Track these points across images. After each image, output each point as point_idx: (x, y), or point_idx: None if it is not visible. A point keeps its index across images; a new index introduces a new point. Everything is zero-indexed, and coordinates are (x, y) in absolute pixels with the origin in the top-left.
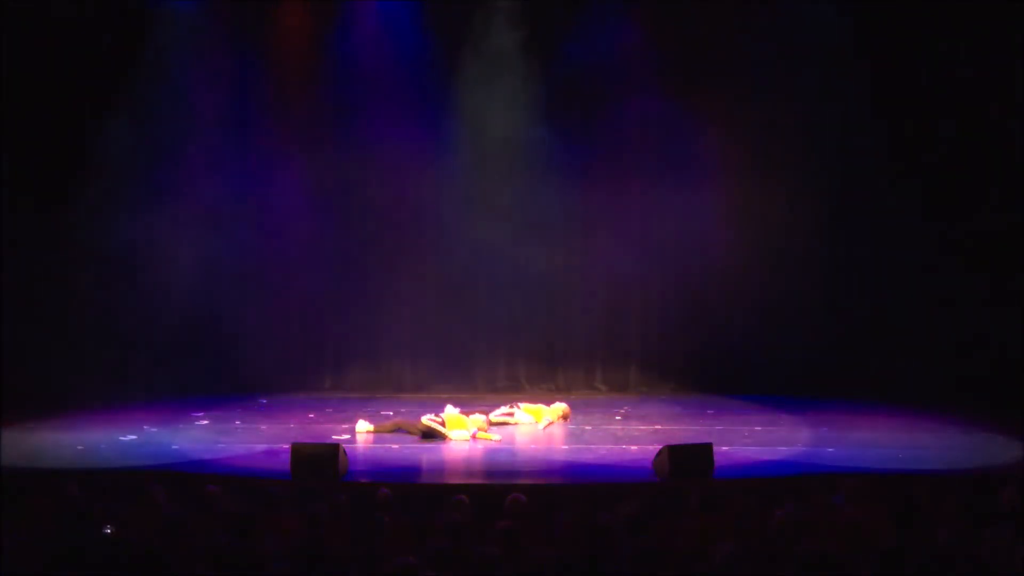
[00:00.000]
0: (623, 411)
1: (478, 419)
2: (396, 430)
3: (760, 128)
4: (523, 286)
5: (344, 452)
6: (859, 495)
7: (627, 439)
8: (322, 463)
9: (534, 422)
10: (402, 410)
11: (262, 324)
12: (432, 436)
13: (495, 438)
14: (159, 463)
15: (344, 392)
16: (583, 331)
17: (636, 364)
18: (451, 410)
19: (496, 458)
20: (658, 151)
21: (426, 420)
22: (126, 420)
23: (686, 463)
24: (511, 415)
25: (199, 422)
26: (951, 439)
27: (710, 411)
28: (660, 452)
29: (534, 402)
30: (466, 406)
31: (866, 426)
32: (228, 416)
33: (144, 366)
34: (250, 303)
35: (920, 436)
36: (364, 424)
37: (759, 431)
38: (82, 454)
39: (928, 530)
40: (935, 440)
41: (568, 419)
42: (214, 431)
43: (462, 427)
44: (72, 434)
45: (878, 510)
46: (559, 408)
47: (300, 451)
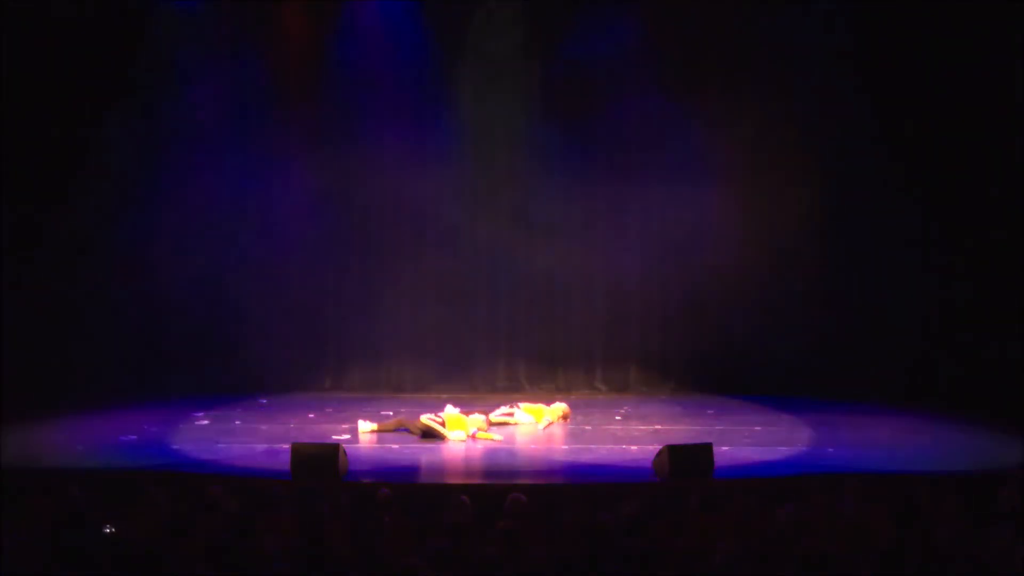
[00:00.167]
0: (623, 411)
1: (478, 419)
2: (399, 428)
3: (760, 128)
4: (523, 286)
5: (344, 452)
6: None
7: (627, 439)
8: (322, 463)
9: (534, 422)
10: (402, 410)
11: (262, 324)
12: (431, 436)
13: (497, 438)
14: (159, 463)
15: (344, 392)
16: (583, 331)
17: (636, 364)
18: (451, 410)
19: (496, 458)
20: (658, 151)
21: (425, 419)
22: (126, 420)
23: (686, 463)
24: (511, 415)
25: (199, 422)
26: (951, 439)
27: (710, 411)
28: (660, 452)
29: (534, 402)
30: (466, 406)
31: (866, 426)
32: (228, 416)
33: (144, 366)
34: (250, 303)
35: (920, 436)
36: (367, 424)
37: (759, 431)
38: (82, 454)
39: (928, 530)
40: (935, 440)
41: (568, 419)
42: (214, 431)
43: (462, 427)
44: (72, 434)
45: (878, 510)
46: (559, 408)
47: (300, 451)
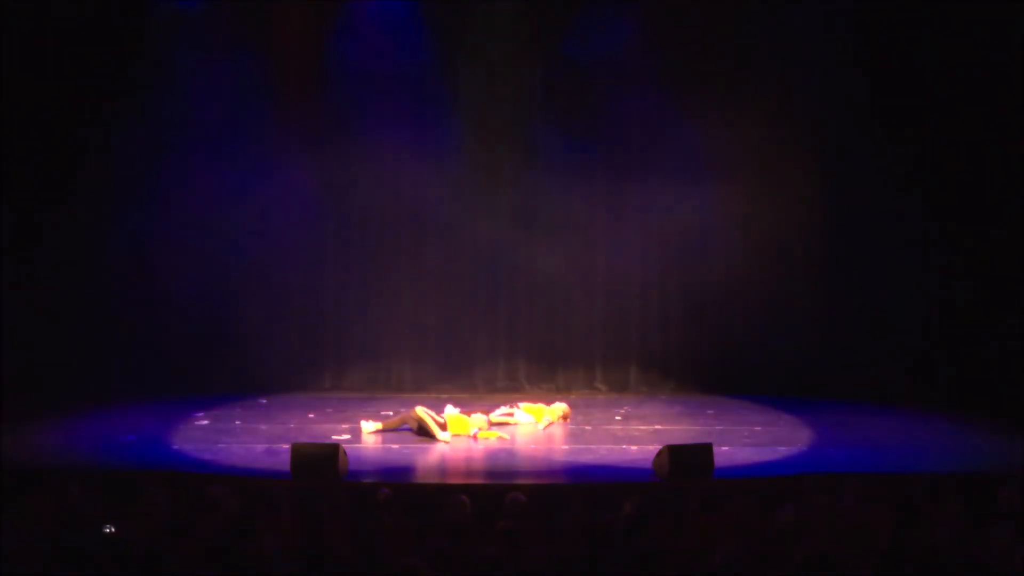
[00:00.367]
0: (623, 411)
1: (479, 419)
2: (402, 424)
3: (760, 127)
4: (523, 286)
5: (344, 452)
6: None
7: (627, 439)
8: (322, 463)
9: (534, 422)
10: (402, 410)
11: (262, 324)
12: (424, 432)
13: (504, 436)
14: (159, 463)
15: (344, 392)
16: (583, 331)
17: (636, 364)
18: (451, 410)
19: (496, 458)
20: (658, 151)
21: (421, 411)
22: (126, 420)
23: (686, 463)
24: (511, 415)
25: (199, 422)
26: (951, 439)
27: (710, 411)
28: (660, 452)
29: (534, 402)
30: (466, 406)
31: (866, 426)
32: (228, 416)
33: (144, 366)
34: (250, 303)
35: (920, 436)
36: (370, 424)
37: (759, 431)
38: (82, 454)
39: (928, 530)
40: (935, 440)
41: (568, 419)
42: (214, 431)
43: (464, 427)
44: (73, 434)
45: (878, 510)
46: (559, 408)
47: (300, 451)
